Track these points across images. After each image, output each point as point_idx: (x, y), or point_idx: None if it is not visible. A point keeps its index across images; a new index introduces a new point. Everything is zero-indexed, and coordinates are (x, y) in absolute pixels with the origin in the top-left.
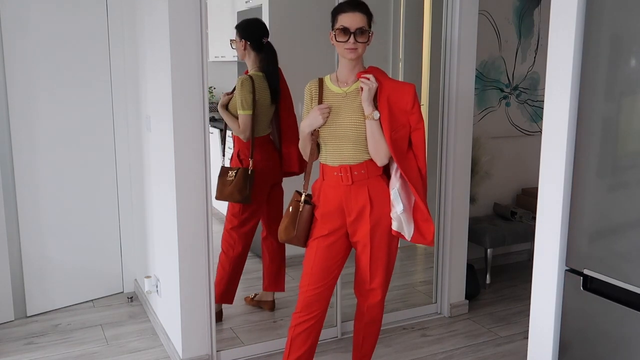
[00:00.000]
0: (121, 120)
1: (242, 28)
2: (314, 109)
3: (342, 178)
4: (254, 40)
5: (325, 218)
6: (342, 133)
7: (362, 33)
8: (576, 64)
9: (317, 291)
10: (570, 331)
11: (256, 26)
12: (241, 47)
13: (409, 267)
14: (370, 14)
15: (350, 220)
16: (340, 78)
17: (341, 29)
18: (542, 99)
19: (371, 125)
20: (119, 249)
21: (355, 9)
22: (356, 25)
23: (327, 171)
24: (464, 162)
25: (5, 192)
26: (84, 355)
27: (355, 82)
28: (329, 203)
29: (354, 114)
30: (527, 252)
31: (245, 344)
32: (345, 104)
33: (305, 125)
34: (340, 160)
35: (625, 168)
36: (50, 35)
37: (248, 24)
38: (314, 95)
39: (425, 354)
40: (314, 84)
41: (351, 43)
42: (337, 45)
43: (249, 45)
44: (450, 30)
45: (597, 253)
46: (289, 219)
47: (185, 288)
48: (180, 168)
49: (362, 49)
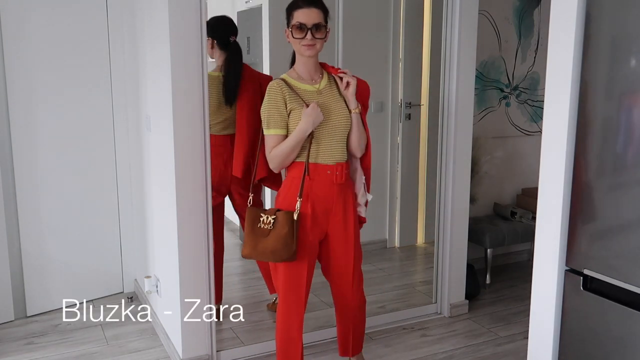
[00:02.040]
0: (121, 120)
1: (209, 25)
2: (311, 106)
3: (336, 177)
4: (219, 39)
5: (317, 221)
6: (334, 130)
7: (319, 29)
8: (576, 64)
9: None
10: (570, 331)
11: (224, 24)
12: (209, 46)
13: (409, 267)
14: (326, 10)
15: (337, 219)
16: (304, 76)
17: (297, 25)
18: (542, 99)
19: (356, 118)
20: (119, 249)
21: (310, 5)
22: (312, 21)
23: (319, 170)
24: (464, 162)
25: (5, 192)
26: (84, 355)
27: (321, 78)
28: (319, 204)
29: (341, 110)
30: (527, 252)
31: (245, 344)
32: (325, 101)
33: (308, 125)
34: (335, 158)
35: (625, 168)
36: (50, 35)
37: (215, 21)
38: (288, 96)
39: (425, 354)
40: (281, 83)
41: (308, 39)
42: (293, 42)
43: (216, 43)
44: (450, 30)
45: (597, 253)
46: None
47: (185, 288)
48: (180, 168)
49: (320, 45)
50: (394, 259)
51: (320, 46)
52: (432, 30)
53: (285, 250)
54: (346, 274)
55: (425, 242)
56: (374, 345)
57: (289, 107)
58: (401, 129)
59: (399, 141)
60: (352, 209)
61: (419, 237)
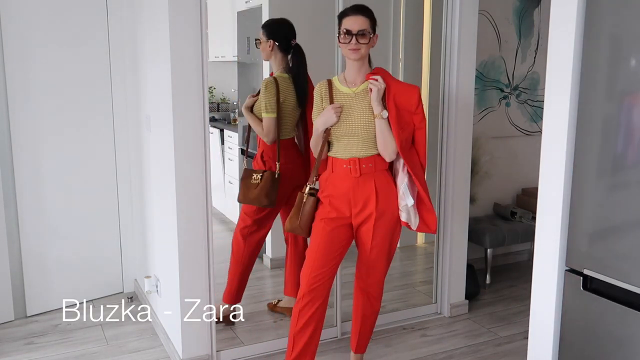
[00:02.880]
0: (121, 120)
1: (270, 28)
2: (328, 108)
3: (350, 170)
4: (281, 41)
5: (334, 203)
6: (353, 131)
7: (364, 35)
8: (576, 64)
9: (320, 276)
10: (570, 331)
11: (284, 27)
12: (268, 48)
13: (409, 267)
14: (374, 18)
15: (356, 211)
16: (348, 79)
17: (344, 31)
18: (542, 99)
19: (380, 123)
20: (119, 249)
21: (357, 13)
22: (358, 27)
23: (337, 164)
24: (464, 162)
25: (5, 192)
26: (84, 355)
27: (363, 82)
28: (337, 191)
29: (364, 113)
30: (527, 252)
31: (245, 344)
32: (355, 104)
33: (319, 124)
34: (350, 154)
35: (625, 168)
36: (50, 35)
37: (276, 24)
38: (324, 96)
39: (425, 354)
40: (323, 85)
41: (353, 44)
42: (342, 47)
43: (277, 46)
44: (450, 30)
45: (597, 253)
46: (294, 209)
47: (185, 288)
48: (180, 168)
49: (365, 50)
50: (394, 259)
51: (365, 51)
52: (432, 30)
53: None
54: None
55: (425, 242)
56: (374, 345)
57: (325, 105)
58: None
59: None
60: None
61: (419, 237)
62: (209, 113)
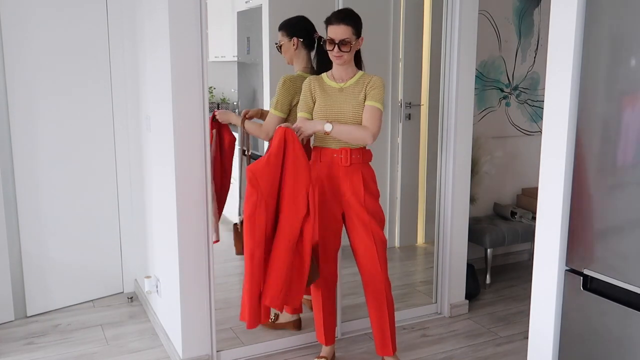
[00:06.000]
0: (121, 121)
1: (290, 26)
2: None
3: (341, 159)
4: (305, 36)
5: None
6: (344, 122)
7: (345, 44)
8: (576, 64)
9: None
10: (570, 331)
11: (303, 22)
12: (292, 47)
13: (409, 267)
14: (356, 24)
15: (345, 199)
16: (336, 76)
17: (329, 39)
18: (542, 99)
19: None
20: (119, 249)
21: (340, 22)
22: (340, 36)
23: (326, 153)
24: (464, 162)
25: (5, 192)
26: (84, 355)
27: (350, 78)
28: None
29: (352, 106)
30: (527, 252)
31: (245, 344)
32: (344, 98)
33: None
34: (341, 144)
35: (625, 168)
36: (50, 36)
37: (295, 20)
38: (313, 89)
39: (425, 354)
40: (313, 79)
41: (336, 52)
42: (328, 51)
43: (301, 42)
44: (450, 30)
45: (597, 253)
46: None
47: (185, 288)
48: (180, 168)
49: (348, 56)
50: (394, 259)
51: (348, 57)
52: (432, 30)
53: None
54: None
55: (425, 242)
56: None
57: (315, 97)
58: (401, 129)
59: (399, 141)
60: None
61: (419, 237)
62: (209, 113)
